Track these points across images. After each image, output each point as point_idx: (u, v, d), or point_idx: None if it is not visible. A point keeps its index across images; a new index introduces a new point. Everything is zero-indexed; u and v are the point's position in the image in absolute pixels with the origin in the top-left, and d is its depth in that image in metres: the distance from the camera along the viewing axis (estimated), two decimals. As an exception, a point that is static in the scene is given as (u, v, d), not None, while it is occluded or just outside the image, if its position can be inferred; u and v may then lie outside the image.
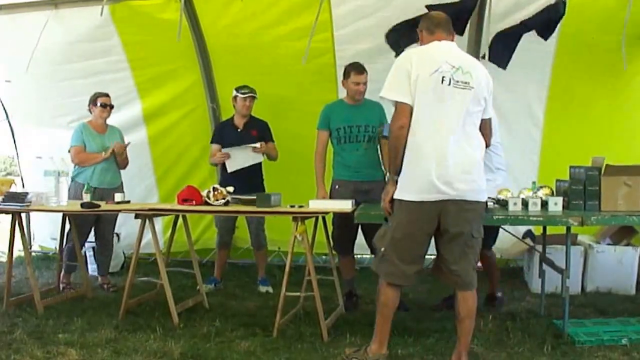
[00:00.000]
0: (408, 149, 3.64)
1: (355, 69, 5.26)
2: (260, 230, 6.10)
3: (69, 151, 5.88)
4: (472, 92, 3.67)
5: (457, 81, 3.63)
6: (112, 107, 5.99)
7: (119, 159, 5.98)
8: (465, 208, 3.66)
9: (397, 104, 3.64)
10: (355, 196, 5.09)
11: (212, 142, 6.09)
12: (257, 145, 5.79)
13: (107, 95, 5.96)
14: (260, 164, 5.99)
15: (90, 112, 5.97)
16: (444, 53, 3.70)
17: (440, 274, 3.89)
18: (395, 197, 3.71)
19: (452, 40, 3.84)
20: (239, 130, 5.99)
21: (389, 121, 4.90)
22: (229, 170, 5.85)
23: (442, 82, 3.60)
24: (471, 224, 3.72)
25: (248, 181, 5.78)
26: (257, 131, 5.95)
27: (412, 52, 3.77)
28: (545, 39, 5.59)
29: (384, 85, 3.69)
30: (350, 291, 5.41)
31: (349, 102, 5.37)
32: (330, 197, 5.34)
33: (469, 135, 3.70)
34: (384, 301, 3.80)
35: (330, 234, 5.26)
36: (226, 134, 6.02)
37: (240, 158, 5.83)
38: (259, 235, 6.10)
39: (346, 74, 5.29)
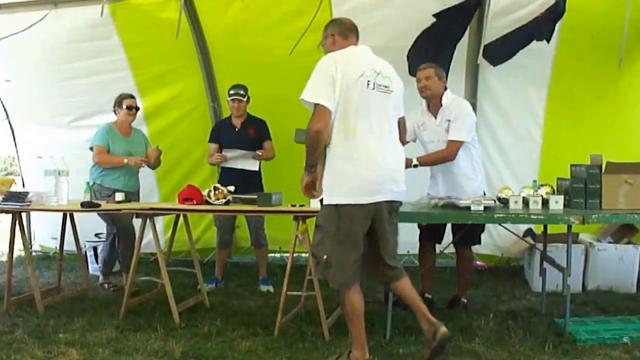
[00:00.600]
0: (343, 154, 3.69)
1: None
2: (260, 229, 6.10)
3: (91, 148, 5.88)
4: (392, 95, 3.81)
5: (380, 85, 3.74)
6: (137, 109, 6.00)
7: (155, 163, 6.04)
8: (395, 207, 3.86)
9: (316, 107, 3.64)
10: None
11: (209, 141, 6.10)
12: (259, 152, 5.81)
13: (132, 97, 5.97)
14: (259, 165, 6.01)
15: (116, 114, 5.97)
16: (365, 58, 3.81)
17: (376, 274, 3.94)
18: (332, 202, 3.70)
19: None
20: (236, 129, 6.00)
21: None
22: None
23: (367, 86, 3.68)
24: (397, 220, 3.94)
25: (246, 180, 5.79)
26: (254, 130, 5.96)
27: (336, 56, 3.75)
28: (548, 41, 5.58)
29: (306, 87, 3.70)
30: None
31: None
32: None
33: (394, 138, 3.86)
34: (352, 310, 3.79)
35: None
36: (223, 133, 6.03)
37: (238, 162, 5.88)
38: (259, 234, 6.10)
39: None
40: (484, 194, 5.01)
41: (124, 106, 5.89)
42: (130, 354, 4.06)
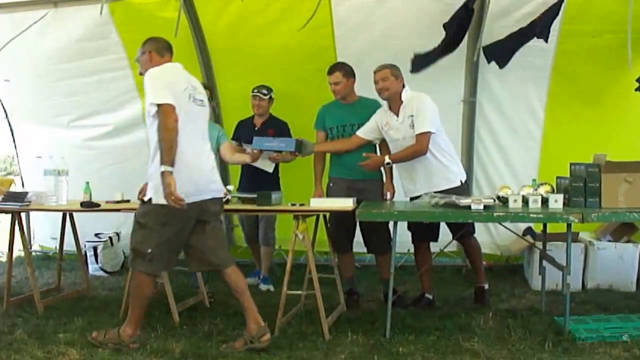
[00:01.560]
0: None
1: (328, 69, 5.33)
2: (270, 228, 6.11)
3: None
4: (205, 109, 4.33)
5: (196, 99, 4.20)
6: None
7: None
8: (217, 203, 4.32)
9: (164, 107, 3.91)
10: (350, 194, 5.11)
11: (232, 138, 6.11)
12: (276, 155, 5.77)
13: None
14: (277, 165, 5.99)
15: None
16: (185, 74, 4.24)
17: (199, 264, 4.39)
18: (160, 202, 3.96)
19: None
20: (255, 128, 6.00)
21: None
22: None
23: (189, 98, 4.12)
24: (221, 214, 4.46)
25: (265, 181, 5.78)
26: (274, 131, 5.91)
27: (163, 69, 4.13)
28: (546, 40, 5.58)
29: (147, 96, 3.99)
30: (351, 289, 5.41)
31: (343, 101, 5.38)
32: (326, 195, 5.36)
33: (208, 144, 4.33)
34: (146, 293, 4.17)
35: (327, 232, 5.28)
36: (242, 131, 6.04)
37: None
38: (268, 232, 6.11)
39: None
40: (462, 183, 5.11)
41: None
42: (130, 353, 4.06)
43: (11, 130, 7.41)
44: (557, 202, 4.51)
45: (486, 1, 5.47)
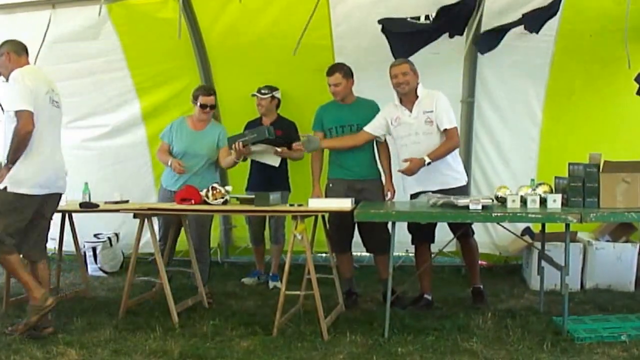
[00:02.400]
0: (32, 154, 4.37)
1: (327, 70, 5.34)
2: (280, 226, 6.15)
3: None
4: (61, 110, 4.69)
5: (54, 101, 4.56)
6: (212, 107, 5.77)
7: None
8: (57, 199, 4.70)
9: (23, 113, 4.28)
10: (349, 194, 5.13)
11: None
12: (279, 149, 5.78)
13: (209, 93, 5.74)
14: (286, 164, 6.05)
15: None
16: (44, 76, 4.62)
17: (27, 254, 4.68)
18: (18, 191, 4.34)
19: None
20: None
21: None
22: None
23: (49, 101, 4.49)
24: (56, 207, 4.79)
25: (273, 180, 5.87)
26: (282, 131, 5.92)
27: (24, 72, 4.44)
28: (535, 32, 5.58)
29: (11, 99, 4.36)
30: (350, 290, 5.42)
31: (341, 102, 5.39)
32: (325, 196, 5.36)
33: (61, 144, 4.70)
34: (14, 265, 4.45)
35: (325, 232, 5.28)
36: None
37: (261, 156, 5.80)
38: (278, 230, 6.15)
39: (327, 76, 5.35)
40: (466, 182, 5.21)
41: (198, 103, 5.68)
42: (129, 354, 4.07)
43: (10, 131, 7.40)
44: (555, 202, 4.52)
45: (482, 3, 5.47)
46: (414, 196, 5.20)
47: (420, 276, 5.26)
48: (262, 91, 6.01)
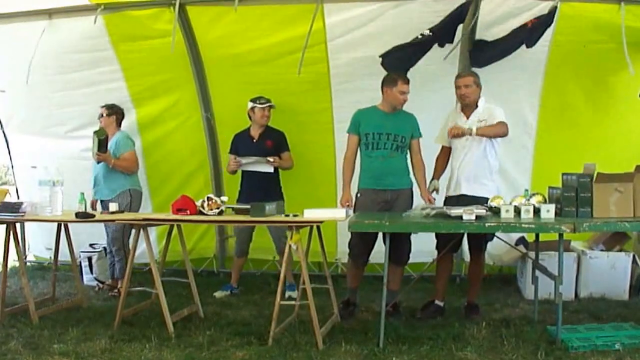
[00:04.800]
0: None
1: (403, 78, 5.28)
2: (282, 235, 6.11)
3: None
4: None
5: None
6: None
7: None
8: None
9: None
10: (377, 206, 5.18)
11: (229, 152, 6.17)
12: (271, 159, 5.85)
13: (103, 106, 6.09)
14: (277, 173, 6.07)
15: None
16: None
17: None
18: None
19: None
20: (254, 140, 6.05)
21: (421, 133, 5.34)
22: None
23: None
24: None
25: (266, 190, 5.86)
26: (272, 142, 5.96)
27: None
28: (530, 46, 5.64)
29: None
30: (349, 299, 5.40)
31: (384, 109, 5.34)
32: (354, 205, 5.34)
33: None
34: None
35: (348, 241, 5.32)
36: (241, 145, 6.10)
37: (252, 166, 5.94)
38: (280, 240, 6.09)
39: (392, 82, 5.25)
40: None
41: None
42: (125, 364, 4.07)
43: (6, 140, 7.42)
44: (549, 212, 4.54)
45: (477, 13, 5.51)
46: (449, 200, 5.29)
47: (438, 283, 5.31)
48: (261, 101, 6.03)
